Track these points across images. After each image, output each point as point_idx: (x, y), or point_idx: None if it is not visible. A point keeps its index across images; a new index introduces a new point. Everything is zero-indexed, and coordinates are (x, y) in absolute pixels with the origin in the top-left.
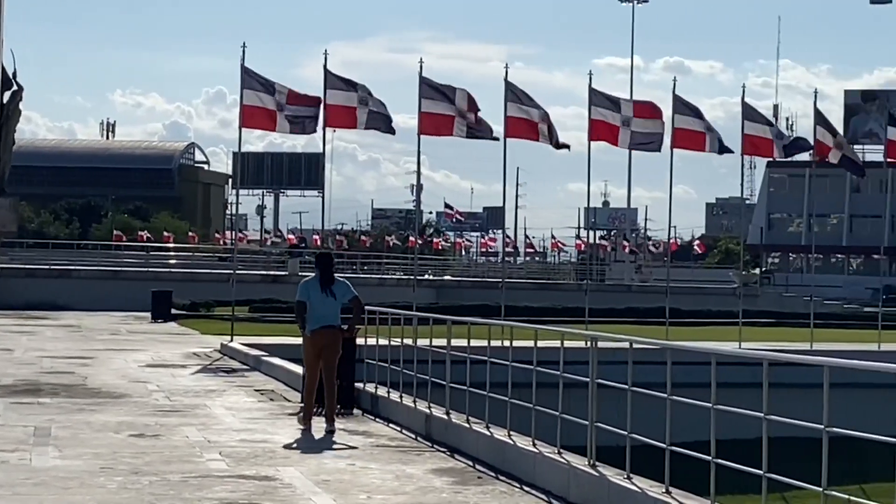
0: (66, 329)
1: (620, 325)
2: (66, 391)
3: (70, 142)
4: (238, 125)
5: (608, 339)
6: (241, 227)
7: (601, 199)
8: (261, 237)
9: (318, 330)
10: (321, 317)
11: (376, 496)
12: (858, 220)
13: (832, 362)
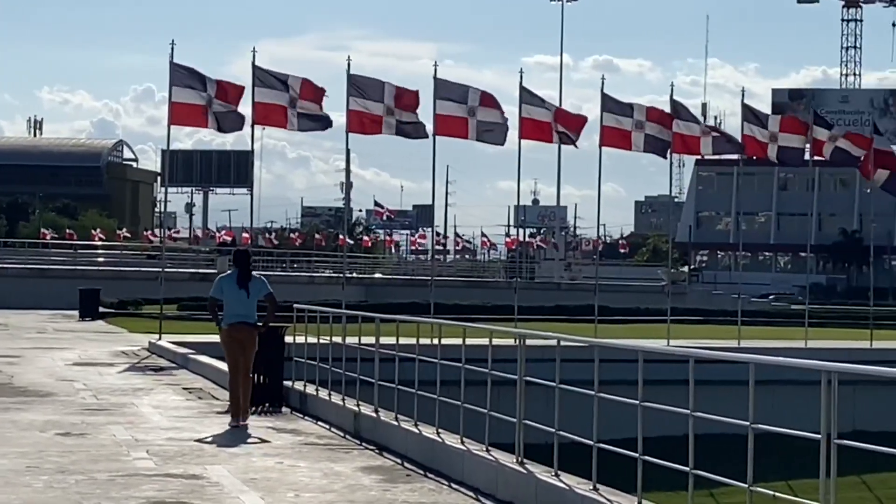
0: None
1: (550, 323)
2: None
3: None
4: (167, 122)
5: (536, 336)
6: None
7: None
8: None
9: (233, 325)
10: (236, 313)
11: (304, 494)
12: (786, 218)
13: (757, 359)
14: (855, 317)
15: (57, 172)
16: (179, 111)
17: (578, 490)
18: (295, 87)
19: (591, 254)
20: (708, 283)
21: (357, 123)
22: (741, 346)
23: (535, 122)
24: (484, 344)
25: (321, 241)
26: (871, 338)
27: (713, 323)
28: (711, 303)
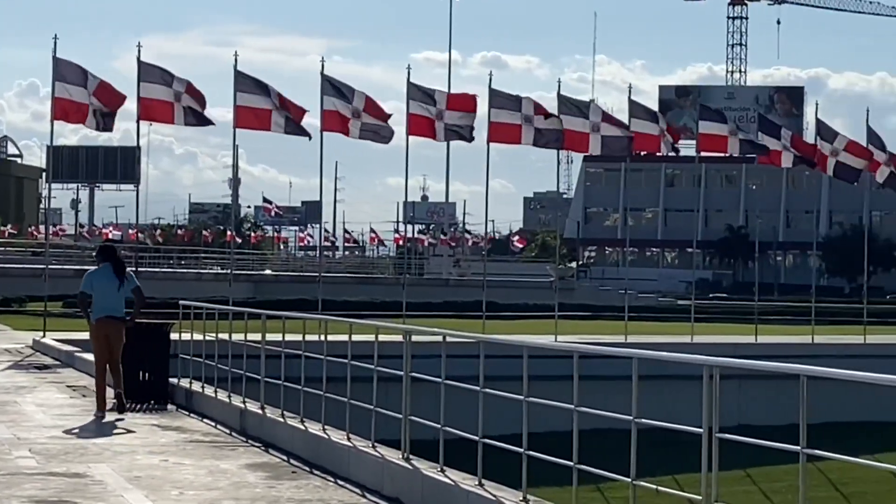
0: None
1: (438, 319)
2: None
3: None
4: (51, 118)
5: (422, 332)
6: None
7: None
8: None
9: (102, 319)
10: (105, 307)
11: (189, 492)
12: (673, 214)
13: (641, 354)
14: (740, 312)
15: None
16: (63, 107)
17: (464, 485)
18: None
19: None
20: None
21: (245, 119)
22: (628, 341)
23: (423, 119)
24: (370, 340)
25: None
26: (755, 333)
27: (601, 319)
28: (599, 298)
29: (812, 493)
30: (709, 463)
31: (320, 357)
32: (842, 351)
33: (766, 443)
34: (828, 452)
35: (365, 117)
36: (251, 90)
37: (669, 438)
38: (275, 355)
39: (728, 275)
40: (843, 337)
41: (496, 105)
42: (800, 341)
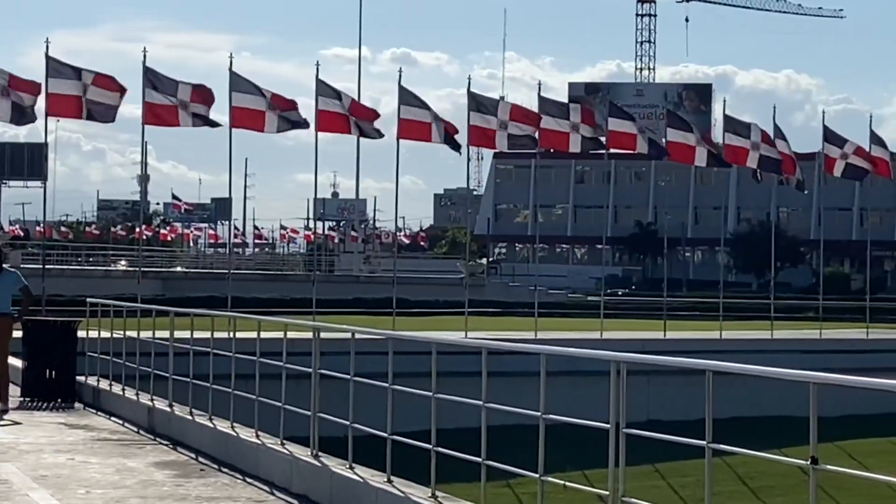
0: None
1: (348, 316)
2: None
3: None
4: None
5: (331, 329)
6: None
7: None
8: None
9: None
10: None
11: (96, 490)
12: (582, 210)
13: (548, 350)
14: (650, 308)
15: None
16: None
17: (373, 482)
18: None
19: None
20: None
21: (153, 115)
22: (537, 337)
23: (332, 115)
24: (279, 337)
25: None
26: (664, 328)
27: (511, 315)
28: (509, 295)
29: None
30: (616, 458)
31: (228, 354)
32: (749, 346)
33: (673, 437)
34: (733, 447)
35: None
36: (160, 86)
37: (579, 434)
38: (183, 353)
39: (637, 271)
40: (750, 332)
41: (405, 102)
42: (708, 337)
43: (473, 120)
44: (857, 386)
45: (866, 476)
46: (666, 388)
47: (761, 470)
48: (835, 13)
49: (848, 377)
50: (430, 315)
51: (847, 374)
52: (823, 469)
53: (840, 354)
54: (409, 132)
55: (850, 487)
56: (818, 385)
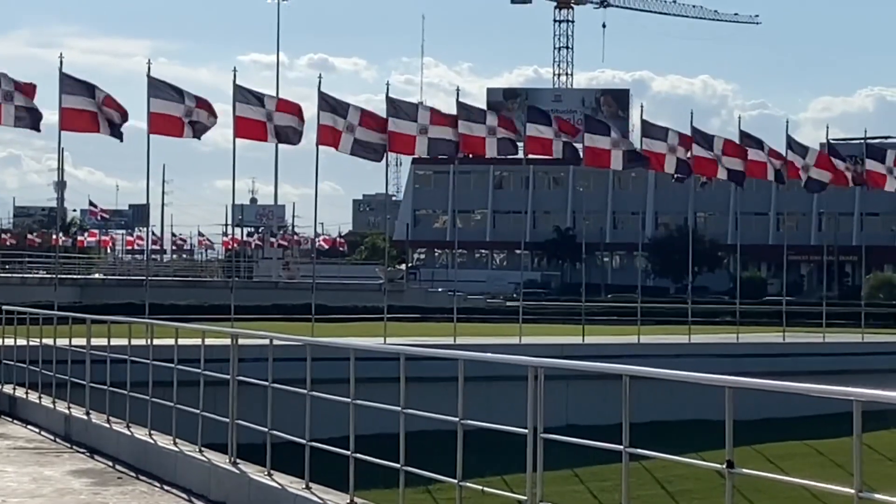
0: None
1: (267, 322)
2: None
3: None
4: None
5: (249, 335)
6: None
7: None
8: None
9: None
10: None
11: (11, 499)
12: (501, 215)
13: (466, 356)
14: (568, 312)
15: None
16: None
17: (291, 489)
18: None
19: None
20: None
21: (70, 121)
22: (456, 342)
23: (250, 121)
24: (197, 344)
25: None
26: (583, 333)
27: (430, 320)
28: (429, 300)
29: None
30: (534, 463)
31: (146, 361)
32: (667, 350)
33: (589, 442)
34: (650, 451)
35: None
36: (77, 92)
37: (497, 439)
38: (100, 360)
39: (556, 276)
40: (668, 336)
41: (323, 108)
42: (626, 341)
43: (392, 126)
44: (772, 390)
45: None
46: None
47: (679, 474)
48: (750, 19)
49: (763, 381)
50: (350, 321)
51: (763, 378)
52: (739, 472)
53: (756, 358)
54: (328, 139)
55: (766, 490)
56: (734, 389)
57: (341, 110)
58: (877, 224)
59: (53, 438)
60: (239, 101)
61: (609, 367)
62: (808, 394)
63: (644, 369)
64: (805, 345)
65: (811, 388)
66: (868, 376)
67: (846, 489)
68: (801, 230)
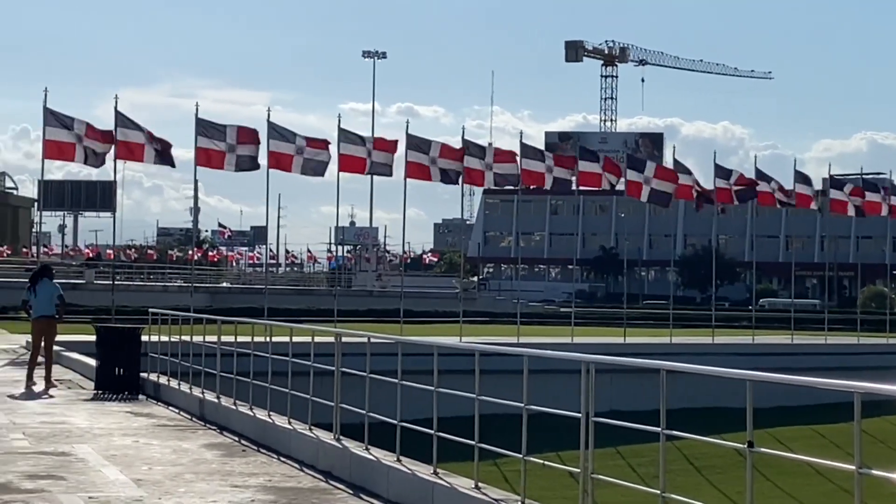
0: None
1: (363, 324)
2: None
3: None
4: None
5: (350, 335)
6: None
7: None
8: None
9: (37, 318)
10: (38, 309)
11: (156, 467)
12: (556, 237)
13: (530, 352)
14: (612, 317)
15: None
16: (52, 148)
17: (385, 461)
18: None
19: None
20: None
21: (204, 159)
22: (519, 341)
23: (351, 158)
24: (307, 341)
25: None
26: (624, 334)
27: (497, 323)
28: (496, 306)
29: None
30: (586, 442)
31: (265, 355)
32: (694, 349)
33: (633, 425)
34: (683, 433)
35: (308, 152)
36: (209, 134)
37: (552, 422)
38: (228, 353)
39: (601, 287)
40: (695, 338)
41: (412, 147)
42: (660, 341)
43: (467, 162)
44: (784, 382)
45: (794, 458)
46: (625, 383)
47: (704, 452)
48: (765, 75)
49: (779, 375)
50: (431, 323)
51: (775, 374)
52: (758, 451)
53: (769, 356)
54: (415, 173)
55: (776, 466)
56: (753, 382)
57: (425, 147)
58: (871, 245)
59: (190, 417)
60: (342, 142)
61: (649, 363)
62: (814, 386)
63: (679, 365)
64: (810, 345)
65: (818, 381)
66: (864, 372)
67: (848, 466)
68: (806, 250)
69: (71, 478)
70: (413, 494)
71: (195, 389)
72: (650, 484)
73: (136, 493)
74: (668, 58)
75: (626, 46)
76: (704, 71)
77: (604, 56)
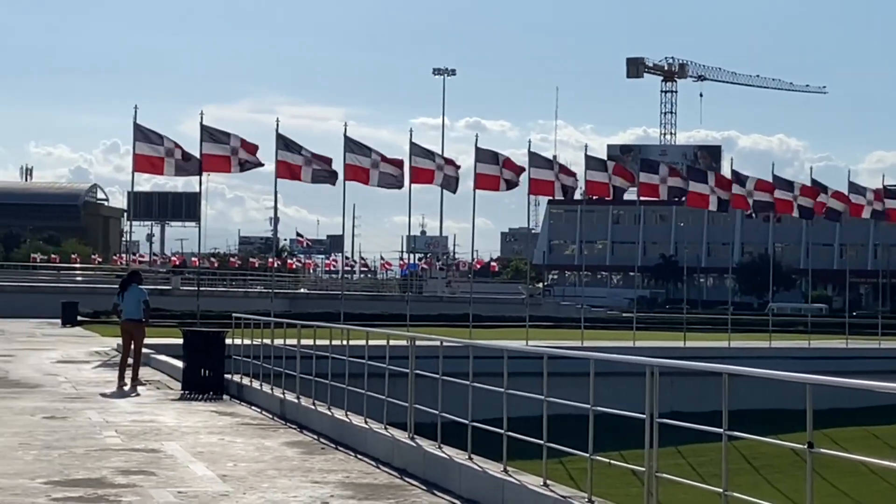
0: None
1: (434, 328)
2: None
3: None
4: (131, 170)
5: (423, 338)
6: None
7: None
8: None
9: (126, 321)
10: (127, 312)
11: (241, 464)
12: (618, 245)
13: (596, 356)
14: (671, 322)
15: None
16: (141, 162)
17: (457, 459)
18: (235, 141)
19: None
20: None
21: (283, 171)
22: (584, 345)
23: (422, 170)
24: (382, 345)
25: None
26: (684, 338)
27: (562, 327)
28: (560, 312)
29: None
30: (650, 441)
31: (343, 357)
32: (751, 353)
33: (698, 426)
34: (745, 434)
35: (383, 167)
36: (288, 148)
37: (613, 422)
38: (307, 356)
39: (662, 293)
40: (752, 342)
41: (480, 160)
42: (718, 345)
43: (533, 174)
44: (843, 386)
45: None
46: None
47: (761, 452)
48: (819, 89)
49: (837, 379)
50: (498, 327)
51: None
52: (818, 452)
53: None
54: (483, 184)
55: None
56: (813, 385)
57: (492, 159)
58: None
59: (271, 417)
60: (414, 155)
61: (713, 366)
62: (870, 389)
63: (742, 369)
64: (864, 349)
65: (874, 384)
66: None
67: None
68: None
69: (161, 473)
70: (484, 491)
71: (276, 390)
72: (710, 483)
73: (222, 488)
74: (726, 73)
75: (686, 63)
76: (761, 86)
77: (664, 72)
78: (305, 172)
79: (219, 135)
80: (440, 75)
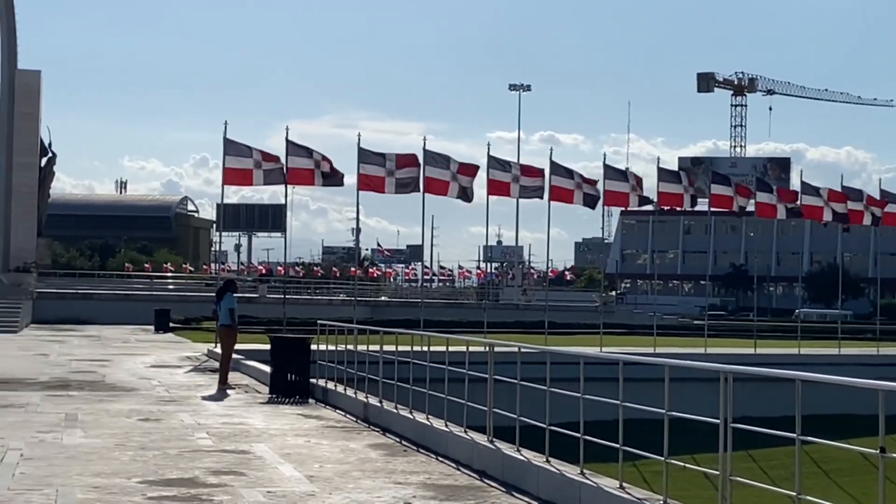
0: (88, 339)
1: (511, 335)
2: (89, 386)
3: (91, 196)
4: (221, 183)
5: (502, 345)
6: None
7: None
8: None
9: (219, 326)
10: (221, 318)
11: (327, 465)
12: (689, 254)
13: (670, 363)
14: (742, 330)
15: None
16: (231, 175)
17: (535, 462)
18: (318, 157)
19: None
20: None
21: (365, 183)
22: (656, 352)
23: (499, 182)
24: (462, 350)
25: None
26: (755, 346)
27: (635, 334)
28: (633, 319)
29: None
30: (724, 446)
31: (424, 363)
32: (820, 360)
33: (771, 431)
34: (817, 439)
35: (461, 179)
36: (370, 161)
37: (684, 426)
38: (389, 361)
39: (732, 301)
40: (821, 349)
41: (555, 172)
42: (789, 352)
43: (608, 186)
44: None
45: None
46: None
47: (831, 456)
48: (887, 102)
49: None
50: (573, 334)
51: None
52: (890, 457)
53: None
54: (558, 196)
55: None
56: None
57: (567, 173)
58: None
59: (355, 420)
60: (491, 168)
61: (786, 373)
62: None
63: (814, 375)
64: None
65: None
66: None
67: None
68: None
69: (250, 474)
70: (562, 493)
71: (360, 394)
72: (781, 486)
73: (309, 489)
74: (795, 87)
75: (755, 77)
76: (829, 99)
77: (733, 87)
78: (388, 184)
79: (302, 150)
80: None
